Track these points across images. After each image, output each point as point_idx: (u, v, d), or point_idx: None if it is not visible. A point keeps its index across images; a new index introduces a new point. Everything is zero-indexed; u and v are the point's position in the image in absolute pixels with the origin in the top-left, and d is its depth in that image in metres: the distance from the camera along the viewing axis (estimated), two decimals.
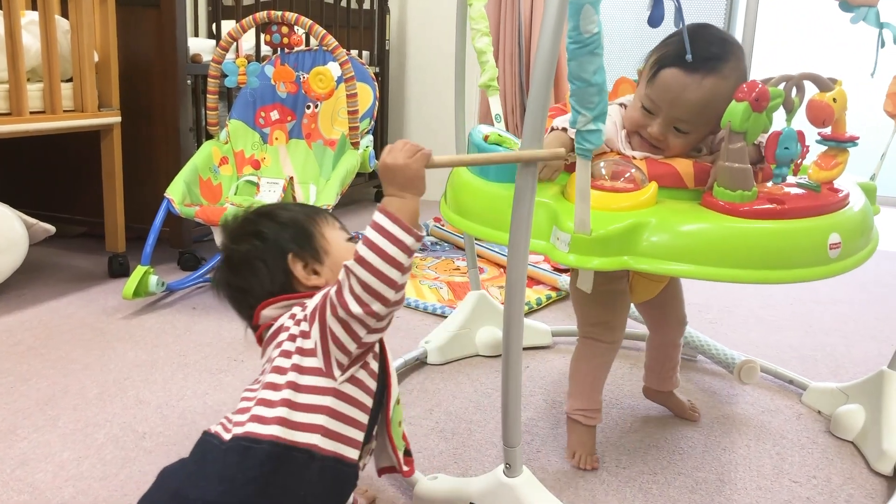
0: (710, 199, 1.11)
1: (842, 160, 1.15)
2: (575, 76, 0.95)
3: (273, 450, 0.88)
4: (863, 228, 1.17)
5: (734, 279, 1.03)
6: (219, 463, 0.88)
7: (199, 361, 1.80)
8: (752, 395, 1.71)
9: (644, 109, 1.23)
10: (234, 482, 0.86)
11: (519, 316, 1.02)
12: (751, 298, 2.44)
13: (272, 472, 0.87)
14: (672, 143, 1.23)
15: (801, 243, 1.06)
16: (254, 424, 0.90)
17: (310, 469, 0.89)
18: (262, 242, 1.05)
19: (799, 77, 1.12)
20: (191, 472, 0.90)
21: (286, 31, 2.43)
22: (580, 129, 0.98)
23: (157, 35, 2.46)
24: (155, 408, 1.56)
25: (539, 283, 2.46)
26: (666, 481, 1.34)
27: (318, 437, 0.90)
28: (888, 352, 1.47)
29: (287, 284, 1.04)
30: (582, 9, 0.90)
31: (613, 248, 1.03)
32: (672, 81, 1.19)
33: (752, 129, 1.06)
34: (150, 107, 2.52)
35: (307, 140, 2.53)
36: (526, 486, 1.07)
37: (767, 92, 1.05)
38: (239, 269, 1.06)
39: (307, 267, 1.04)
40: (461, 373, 1.79)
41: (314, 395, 0.92)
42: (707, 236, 1.03)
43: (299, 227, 1.07)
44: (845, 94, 1.12)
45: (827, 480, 1.36)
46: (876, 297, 2.52)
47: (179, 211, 2.17)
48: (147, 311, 2.16)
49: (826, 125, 1.14)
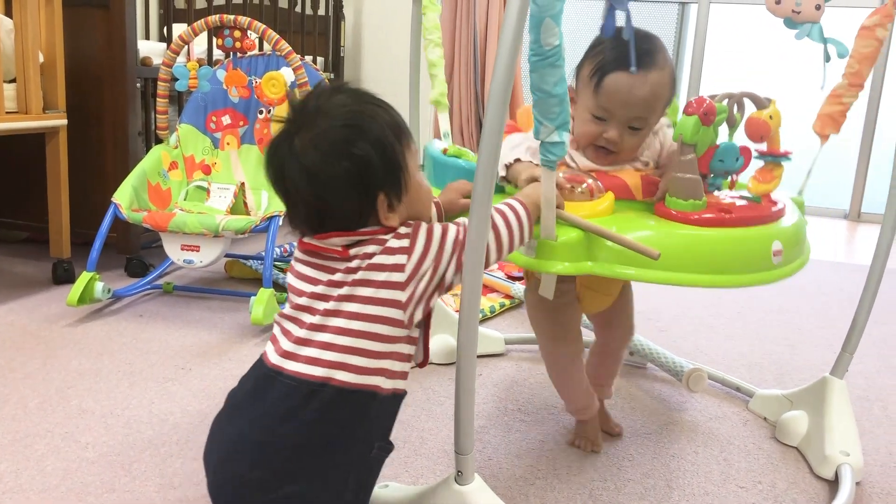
0: (662, 209, 1.14)
1: (777, 174, 1.21)
2: (536, 88, 0.96)
3: (338, 394, 0.93)
4: (798, 238, 1.22)
5: (688, 283, 1.07)
6: (281, 401, 0.93)
7: (146, 370, 1.76)
8: (701, 402, 1.74)
9: (596, 119, 1.24)
10: (301, 421, 0.92)
11: (473, 322, 1.02)
12: (700, 307, 2.48)
13: (336, 411, 0.93)
14: (628, 142, 1.25)
15: (749, 250, 1.11)
16: (319, 368, 0.93)
17: (371, 407, 0.96)
18: (356, 168, 0.96)
19: (739, 95, 1.17)
20: (249, 404, 0.96)
21: (239, 36, 2.40)
22: (544, 140, 0.99)
23: (107, 37, 2.41)
24: (99, 417, 1.52)
25: (493, 290, 2.47)
26: (616, 488, 1.36)
27: (382, 378, 0.96)
28: (831, 359, 1.51)
29: (365, 218, 0.99)
30: (542, 22, 0.91)
31: (577, 253, 1.07)
32: (620, 85, 1.21)
33: (701, 141, 1.10)
34: (99, 110, 2.47)
35: (259, 145, 2.50)
36: (478, 493, 1.07)
37: (714, 107, 1.09)
38: (326, 186, 0.96)
39: (390, 205, 0.99)
40: (414, 381, 1.78)
41: (386, 344, 0.96)
42: (662, 243, 1.06)
43: (391, 156, 0.98)
44: (780, 112, 1.18)
45: (772, 486, 1.39)
46: (818, 305, 2.58)
47: (127, 216, 2.12)
48: (92, 318, 2.10)
49: (763, 140, 1.19)
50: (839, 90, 1.40)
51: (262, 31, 2.31)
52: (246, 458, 0.94)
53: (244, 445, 0.94)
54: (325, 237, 0.98)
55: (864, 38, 1.37)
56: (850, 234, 3.98)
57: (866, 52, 1.37)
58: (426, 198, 1.07)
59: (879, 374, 1.96)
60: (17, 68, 2.17)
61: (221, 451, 0.98)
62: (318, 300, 0.97)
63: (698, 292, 2.61)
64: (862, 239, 3.89)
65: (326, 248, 0.98)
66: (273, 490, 0.93)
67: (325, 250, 0.99)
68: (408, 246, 0.97)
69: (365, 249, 0.97)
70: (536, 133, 0.99)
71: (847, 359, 1.49)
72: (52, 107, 2.28)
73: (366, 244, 0.97)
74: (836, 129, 1.43)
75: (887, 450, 1.54)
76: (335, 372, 0.93)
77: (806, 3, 1.14)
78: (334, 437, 0.94)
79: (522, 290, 2.37)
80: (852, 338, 1.48)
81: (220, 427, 1.00)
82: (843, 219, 4.40)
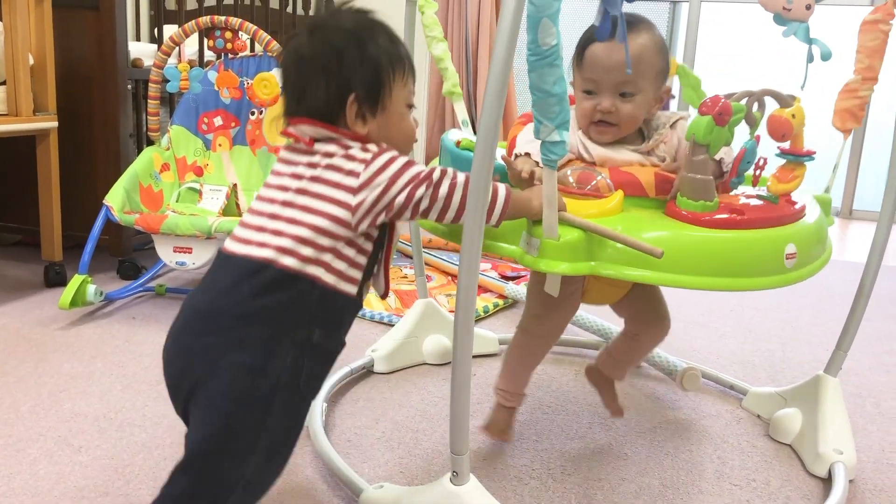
0: (673, 209, 1.13)
1: (799, 174, 1.19)
2: (535, 87, 0.96)
3: (281, 276, 0.97)
4: (817, 239, 1.20)
5: (695, 286, 1.06)
6: (229, 277, 0.98)
7: (139, 372, 1.76)
8: (695, 401, 1.74)
9: (587, 94, 1.26)
10: (243, 295, 0.96)
11: (469, 323, 1.01)
12: (693, 306, 2.49)
13: (277, 292, 0.97)
14: (623, 109, 1.25)
15: (760, 253, 1.09)
16: (268, 251, 0.97)
17: (311, 295, 0.98)
18: (336, 64, 1.03)
19: (760, 93, 1.15)
20: (205, 286, 1.01)
21: (230, 37, 2.40)
22: (544, 140, 0.99)
23: (97, 38, 2.40)
24: (92, 421, 1.52)
25: (486, 290, 2.47)
26: (611, 487, 1.36)
27: (322, 271, 0.99)
28: (824, 356, 1.52)
29: (333, 115, 1.04)
30: (540, 22, 0.91)
31: (581, 253, 1.05)
32: (599, 52, 1.23)
33: (714, 142, 1.09)
34: (90, 112, 2.46)
35: (251, 147, 2.49)
36: (473, 493, 1.07)
37: (730, 107, 1.08)
38: (305, 66, 1.05)
39: (359, 113, 1.04)
40: (408, 381, 1.78)
41: (330, 239, 0.99)
42: (670, 244, 1.04)
43: (376, 72, 1.04)
44: (803, 110, 1.16)
45: (766, 483, 1.39)
46: (811, 303, 2.59)
47: (119, 219, 2.11)
48: (85, 321, 2.09)
49: (785, 139, 1.17)
50: (853, 84, 1.39)
51: (253, 32, 2.30)
52: (195, 327, 0.99)
53: (194, 316, 1.00)
54: (297, 121, 1.04)
55: (868, 32, 1.36)
56: (841, 232, 4.01)
57: (873, 45, 1.36)
58: (405, 135, 1.10)
59: (872, 371, 1.97)
60: (6, 70, 2.16)
61: (175, 329, 1.01)
62: (278, 191, 1.03)
63: (694, 291, 2.61)
64: (853, 236, 3.91)
65: (296, 135, 1.04)
66: (219, 356, 0.95)
67: (295, 139, 1.04)
68: (369, 159, 1.00)
69: (328, 148, 1.02)
70: (536, 132, 0.99)
71: (841, 357, 1.49)
72: (43, 109, 2.26)
73: (330, 143, 1.02)
74: (857, 122, 1.41)
75: (880, 447, 1.55)
76: (281, 256, 0.97)
77: (797, 1, 1.14)
78: (275, 314, 0.97)
79: (516, 290, 2.37)
80: (846, 336, 1.48)
81: (177, 315, 1.03)
82: (835, 216, 4.41)
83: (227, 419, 0.95)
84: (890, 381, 1.91)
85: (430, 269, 2.72)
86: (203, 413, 0.96)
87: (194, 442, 0.96)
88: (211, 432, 0.95)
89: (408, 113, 1.10)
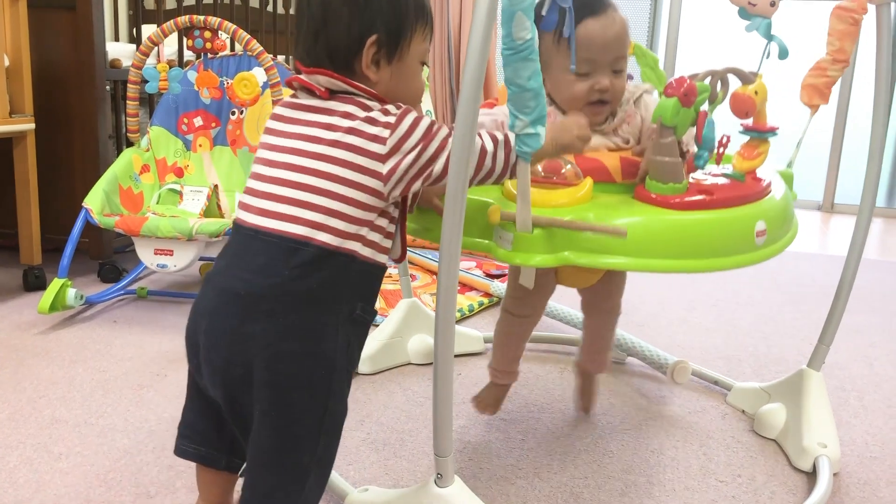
0: (642, 193, 1.13)
1: (763, 150, 1.20)
2: (510, 81, 0.95)
3: (319, 253, 0.95)
4: (785, 215, 1.21)
5: (669, 269, 1.05)
6: (263, 256, 0.95)
7: (120, 377, 1.74)
8: (680, 397, 1.74)
9: (581, 76, 1.24)
10: (282, 277, 0.94)
11: (451, 322, 1.01)
12: (676, 301, 2.49)
13: (317, 271, 0.95)
14: (617, 86, 1.26)
15: (731, 232, 1.10)
16: (300, 227, 0.95)
17: (351, 270, 0.98)
18: (362, 1, 1.00)
19: (723, 71, 1.15)
20: (235, 263, 0.98)
21: (209, 36, 2.38)
22: (519, 133, 0.98)
23: (73, 39, 2.38)
24: (72, 427, 1.50)
25: (471, 289, 2.46)
26: (597, 485, 1.35)
27: (360, 245, 0.98)
28: (807, 350, 1.52)
29: (349, 57, 1.01)
30: (514, 16, 0.90)
31: (554, 244, 1.05)
32: (593, 31, 1.22)
33: (681, 123, 1.09)
34: (68, 113, 2.43)
35: (232, 147, 2.48)
36: (458, 495, 1.06)
37: (695, 87, 1.08)
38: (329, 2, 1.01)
39: (374, 57, 1.02)
40: (393, 382, 1.77)
41: (364, 212, 0.97)
42: (642, 229, 1.05)
43: (402, 16, 1.02)
44: (766, 87, 1.17)
45: (751, 479, 1.39)
46: (793, 297, 2.60)
47: (98, 221, 2.09)
48: (65, 325, 2.07)
49: (748, 116, 1.18)
50: (823, 63, 1.40)
51: (232, 32, 2.28)
52: (234, 311, 0.95)
53: (229, 299, 0.96)
54: (312, 72, 1.01)
55: (839, 17, 1.37)
56: (823, 226, 4.03)
57: (843, 28, 1.36)
58: (414, 92, 1.08)
59: (855, 364, 1.98)
60: None
61: (209, 308, 0.98)
62: (294, 155, 0.99)
63: (674, 285, 2.62)
64: (835, 230, 3.93)
65: (311, 84, 1.00)
66: (271, 344, 0.94)
67: (308, 86, 1.01)
68: (393, 122, 0.98)
69: (346, 108, 0.99)
70: (512, 126, 0.98)
71: (824, 351, 1.50)
72: (19, 111, 2.23)
73: (347, 101, 0.99)
74: (823, 99, 1.42)
75: (864, 440, 1.56)
76: (316, 232, 0.95)
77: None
78: (319, 295, 0.96)
79: (501, 287, 2.37)
80: (829, 330, 1.49)
81: (203, 293, 1.01)
82: (816, 210, 4.45)
83: (294, 410, 0.95)
84: (873, 374, 1.92)
85: (415, 267, 2.71)
86: (267, 406, 0.95)
87: (264, 437, 0.95)
88: (280, 425, 0.95)
89: (420, 70, 1.08)
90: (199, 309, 1.00)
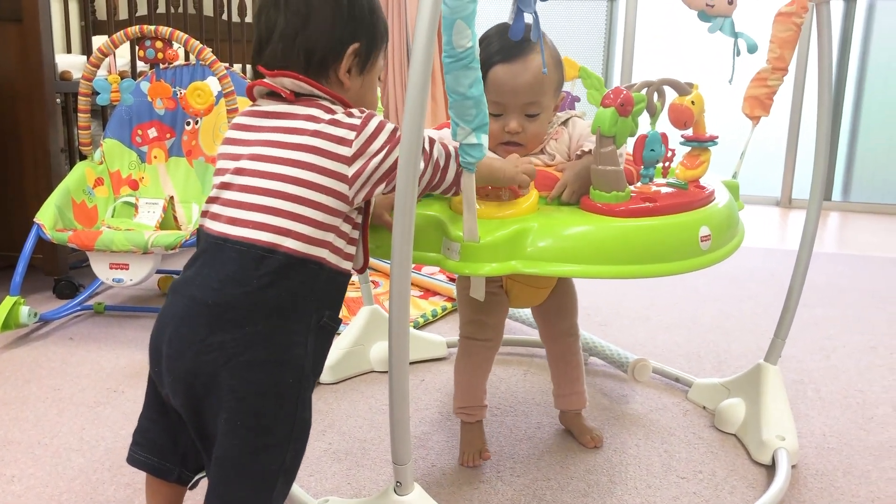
0: (588, 203, 1.14)
1: (705, 159, 1.23)
2: (451, 90, 0.95)
3: (287, 261, 0.95)
4: (729, 222, 1.23)
5: (616, 275, 1.06)
6: (232, 265, 0.95)
7: (76, 395, 1.70)
8: (641, 395, 1.75)
9: (493, 116, 1.25)
10: (252, 286, 0.94)
11: (405, 329, 1.00)
12: (637, 299, 2.51)
13: (285, 279, 0.95)
14: (530, 129, 1.27)
15: (675, 237, 1.11)
16: (266, 234, 0.95)
17: (319, 278, 0.98)
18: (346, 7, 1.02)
19: (659, 83, 1.17)
20: (204, 272, 0.97)
21: (160, 46, 2.34)
22: (462, 143, 0.98)
23: (22, 51, 2.33)
24: (25, 448, 1.46)
25: (434, 294, 2.45)
26: (559, 486, 1.35)
27: (327, 252, 0.98)
28: (767, 345, 1.54)
29: (326, 62, 1.02)
30: (454, 24, 0.90)
31: (502, 253, 1.05)
32: (504, 76, 1.23)
33: (620, 132, 1.10)
34: (17, 127, 2.38)
35: (188, 157, 2.44)
36: (418, 503, 1.06)
37: (632, 97, 1.09)
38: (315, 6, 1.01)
39: (351, 66, 1.03)
40: (355, 391, 1.76)
41: (330, 216, 0.97)
42: (588, 237, 1.06)
43: (380, 29, 1.05)
44: (702, 97, 1.19)
45: (712, 474, 1.40)
46: (751, 293, 2.64)
47: (51, 237, 2.05)
48: (18, 344, 2.02)
49: (687, 126, 1.20)
50: (763, 73, 1.43)
51: (184, 41, 2.26)
52: (202, 321, 0.94)
53: (197, 309, 0.95)
54: (277, 74, 1.00)
55: (781, 24, 1.39)
56: (781, 221, 4.09)
57: (785, 35, 1.39)
58: (373, 104, 1.10)
59: (812, 357, 2.01)
60: None
61: (175, 317, 0.97)
62: (258, 161, 0.98)
63: (634, 285, 2.64)
64: (793, 225, 3.99)
65: (276, 87, 0.99)
66: (238, 354, 0.93)
67: (272, 89, 1.00)
68: (358, 125, 0.98)
69: (310, 111, 0.99)
70: (454, 135, 0.98)
71: (780, 344, 1.52)
72: None
73: (312, 104, 0.99)
74: (765, 111, 1.46)
75: (821, 431, 1.58)
76: (283, 239, 0.94)
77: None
78: (288, 304, 0.96)
79: None
80: (783, 324, 1.51)
81: (171, 301, 0.99)
82: (775, 206, 4.52)
83: (263, 418, 0.94)
84: (829, 366, 1.95)
85: (377, 273, 2.70)
86: (234, 415, 0.93)
87: (232, 447, 0.94)
88: (247, 434, 0.94)
89: (377, 85, 1.10)
90: (165, 317, 0.99)
